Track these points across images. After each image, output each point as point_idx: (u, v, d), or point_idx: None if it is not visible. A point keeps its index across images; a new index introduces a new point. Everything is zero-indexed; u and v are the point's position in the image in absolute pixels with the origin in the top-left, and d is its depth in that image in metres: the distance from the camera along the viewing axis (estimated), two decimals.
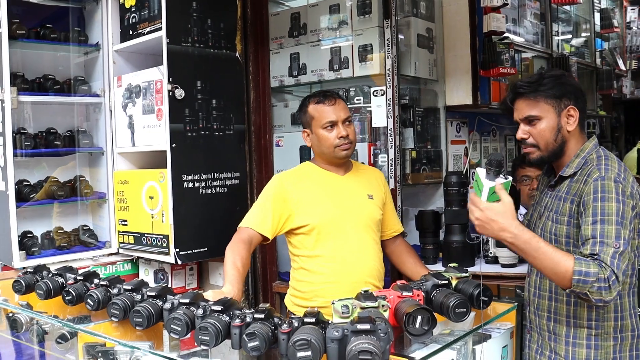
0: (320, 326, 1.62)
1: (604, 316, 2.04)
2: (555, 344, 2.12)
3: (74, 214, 3.61)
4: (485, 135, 4.07)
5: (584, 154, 2.09)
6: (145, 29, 3.22)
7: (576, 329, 2.07)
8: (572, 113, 2.08)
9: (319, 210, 2.56)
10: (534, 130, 2.10)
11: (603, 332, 2.04)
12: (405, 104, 3.38)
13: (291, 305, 2.66)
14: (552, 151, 2.11)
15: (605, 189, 1.93)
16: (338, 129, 2.56)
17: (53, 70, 3.53)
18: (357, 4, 3.32)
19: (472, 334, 1.91)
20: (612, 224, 1.88)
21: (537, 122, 2.09)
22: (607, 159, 2.05)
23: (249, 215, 2.59)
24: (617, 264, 1.82)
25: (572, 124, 2.08)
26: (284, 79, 3.69)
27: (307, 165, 2.73)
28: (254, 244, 2.53)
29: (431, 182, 3.52)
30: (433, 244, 3.18)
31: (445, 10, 3.60)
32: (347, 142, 2.57)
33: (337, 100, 2.60)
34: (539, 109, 2.08)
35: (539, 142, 2.10)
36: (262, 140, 3.60)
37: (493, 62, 3.50)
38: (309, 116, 2.63)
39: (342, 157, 2.61)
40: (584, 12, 5.85)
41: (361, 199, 2.64)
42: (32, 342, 2.46)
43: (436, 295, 1.93)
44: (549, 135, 2.08)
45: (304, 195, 2.58)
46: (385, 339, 1.53)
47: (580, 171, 2.06)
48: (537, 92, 2.08)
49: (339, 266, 2.54)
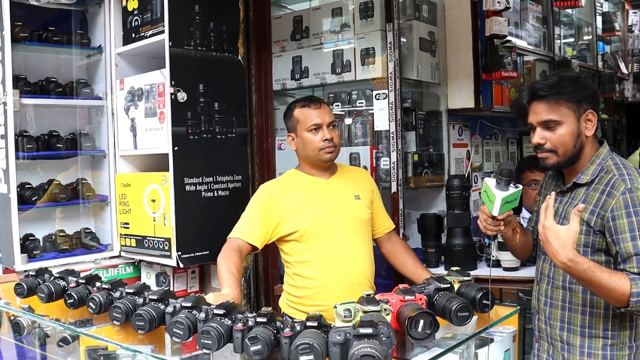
0: (323, 330, 1.62)
1: (620, 325, 2.03)
2: (569, 354, 2.09)
3: (76, 217, 3.61)
4: (487, 138, 4.06)
5: (599, 160, 2.04)
6: (148, 32, 3.23)
7: (591, 339, 2.05)
8: (591, 117, 2.01)
9: (307, 215, 2.58)
10: (552, 136, 2.02)
11: (619, 342, 2.03)
12: (407, 107, 3.38)
13: (286, 307, 2.68)
14: (570, 157, 2.04)
15: (636, 202, 1.90)
16: (323, 131, 2.60)
17: (55, 73, 3.54)
18: (360, 8, 3.32)
19: (475, 338, 1.90)
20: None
21: (557, 127, 2.01)
22: (626, 167, 2.01)
23: (238, 225, 2.61)
24: None
25: (590, 129, 2.02)
26: (286, 82, 3.69)
27: (292, 173, 2.75)
28: (244, 254, 2.55)
29: (433, 185, 3.51)
30: (435, 248, 3.17)
31: (448, 13, 3.60)
32: (332, 145, 2.60)
33: (322, 104, 2.65)
34: (559, 113, 2.00)
35: (557, 148, 2.02)
36: (264, 144, 3.60)
37: (495, 65, 3.50)
38: (294, 120, 2.66)
39: (326, 160, 2.63)
40: (585, 16, 5.85)
41: (348, 200, 2.65)
42: (34, 346, 2.46)
43: (438, 298, 1.93)
44: (569, 141, 2.01)
45: (291, 202, 2.60)
46: (387, 343, 1.52)
47: (598, 179, 2.01)
48: (559, 95, 2.00)
49: (330, 269, 2.55)
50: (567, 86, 2.00)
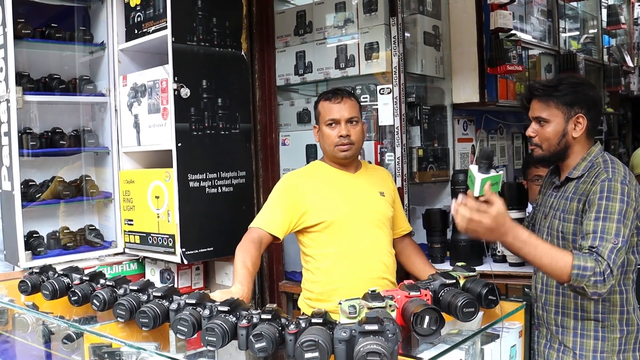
0: (328, 327, 1.61)
1: (610, 309, 2.15)
2: (564, 336, 2.22)
3: (80, 213, 3.61)
4: (493, 133, 4.05)
5: (590, 158, 2.20)
6: (151, 28, 3.22)
7: (583, 321, 2.18)
8: (581, 121, 2.17)
9: (332, 208, 2.55)
10: (541, 131, 2.21)
11: (609, 324, 2.15)
12: (411, 102, 3.36)
13: (306, 307, 2.64)
14: (554, 153, 2.22)
15: (611, 189, 2.04)
16: (340, 127, 2.55)
17: (58, 70, 3.53)
18: (363, 2, 3.30)
19: (481, 334, 1.89)
20: (613, 222, 1.98)
21: (546, 124, 2.20)
22: (613, 162, 2.15)
23: (259, 215, 2.58)
24: (613, 259, 1.92)
25: (578, 131, 2.19)
26: (289, 77, 3.68)
27: (316, 164, 2.73)
28: (264, 244, 2.51)
29: (438, 180, 3.50)
30: (440, 243, 3.17)
31: (452, 7, 3.58)
32: (347, 143, 2.56)
33: (344, 98, 2.59)
34: (548, 112, 2.19)
35: (542, 143, 2.22)
36: (268, 139, 3.59)
37: (500, 59, 3.48)
38: (317, 112, 2.66)
39: (341, 157, 2.60)
40: (591, 9, 5.82)
41: (373, 196, 2.63)
42: (38, 343, 2.46)
43: (444, 294, 1.92)
44: (553, 138, 2.19)
45: (315, 193, 2.57)
46: (393, 340, 1.51)
47: (588, 173, 2.16)
48: (550, 97, 2.19)
49: (353, 262, 2.53)
50: (562, 89, 2.18)
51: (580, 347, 2.16)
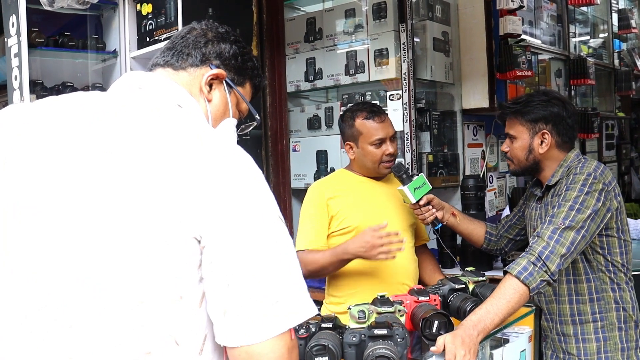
0: (338, 331, 1.62)
1: (606, 307, 2.16)
2: (566, 345, 2.21)
3: None
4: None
5: (567, 163, 2.21)
6: (162, 36, 3.25)
7: (582, 325, 2.18)
8: (546, 137, 2.21)
9: (358, 212, 2.55)
10: (511, 147, 2.29)
11: (608, 323, 2.15)
12: (421, 107, 3.37)
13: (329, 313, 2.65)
14: (525, 168, 2.28)
15: (574, 180, 2.08)
16: (386, 145, 2.55)
17: (72, 78, 3.56)
18: (373, 8, 3.32)
19: (490, 339, 1.90)
20: (565, 208, 2.01)
21: (514, 140, 2.27)
22: (586, 160, 2.19)
23: (301, 236, 2.56)
24: (549, 235, 1.95)
25: (544, 147, 2.21)
26: (300, 83, 3.70)
27: (342, 172, 2.72)
28: None
29: (448, 185, 3.51)
30: (450, 248, 3.16)
31: (461, 13, 3.60)
32: (393, 160, 2.57)
33: (385, 117, 2.58)
34: (515, 129, 2.26)
35: (513, 157, 2.30)
36: (279, 145, 3.61)
37: (509, 64, 3.48)
38: (355, 130, 2.57)
39: (385, 173, 2.62)
40: (601, 13, 5.80)
41: (398, 203, 2.64)
42: None
43: (453, 299, 1.93)
44: (521, 154, 2.25)
45: (341, 198, 2.58)
46: (402, 344, 1.53)
47: (566, 177, 2.17)
48: (516, 114, 2.26)
49: (377, 268, 2.53)
50: (528, 106, 2.23)
51: (585, 353, 2.16)
